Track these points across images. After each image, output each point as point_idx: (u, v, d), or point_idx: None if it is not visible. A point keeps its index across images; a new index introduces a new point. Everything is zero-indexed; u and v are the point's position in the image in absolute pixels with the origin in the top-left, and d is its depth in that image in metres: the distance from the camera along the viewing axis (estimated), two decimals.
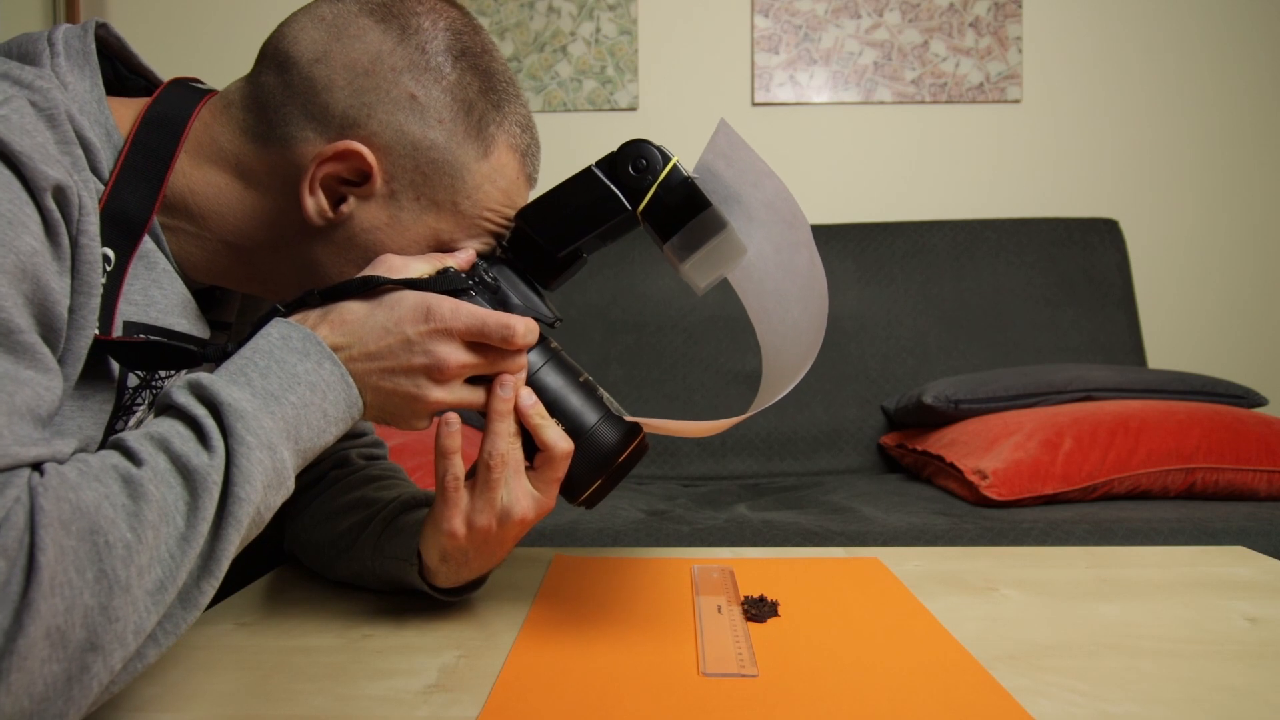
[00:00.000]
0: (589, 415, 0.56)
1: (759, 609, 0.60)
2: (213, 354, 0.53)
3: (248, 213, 0.56)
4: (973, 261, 1.86)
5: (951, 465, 1.35)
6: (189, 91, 0.57)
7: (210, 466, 0.42)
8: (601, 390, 0.58)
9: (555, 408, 0.56)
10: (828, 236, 1.89)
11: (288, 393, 0.47)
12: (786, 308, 0.59)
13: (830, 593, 0.66)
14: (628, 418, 0.57)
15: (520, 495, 0.55)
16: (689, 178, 0.57)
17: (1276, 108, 2.02)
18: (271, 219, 0.56)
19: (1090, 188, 2.03)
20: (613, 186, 0.57)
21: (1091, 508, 1.20)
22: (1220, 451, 1.25)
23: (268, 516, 0.46)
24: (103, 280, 0.50)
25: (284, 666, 0.52)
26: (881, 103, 2.03)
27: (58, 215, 0.45)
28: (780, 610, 0.61)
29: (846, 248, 1.88)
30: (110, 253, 0.51)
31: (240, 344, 0.49)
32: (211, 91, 0.59)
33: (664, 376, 1.78)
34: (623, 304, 1.84)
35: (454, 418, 0.54)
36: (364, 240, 0.56)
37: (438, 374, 0.52)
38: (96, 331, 0.49)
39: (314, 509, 0.71)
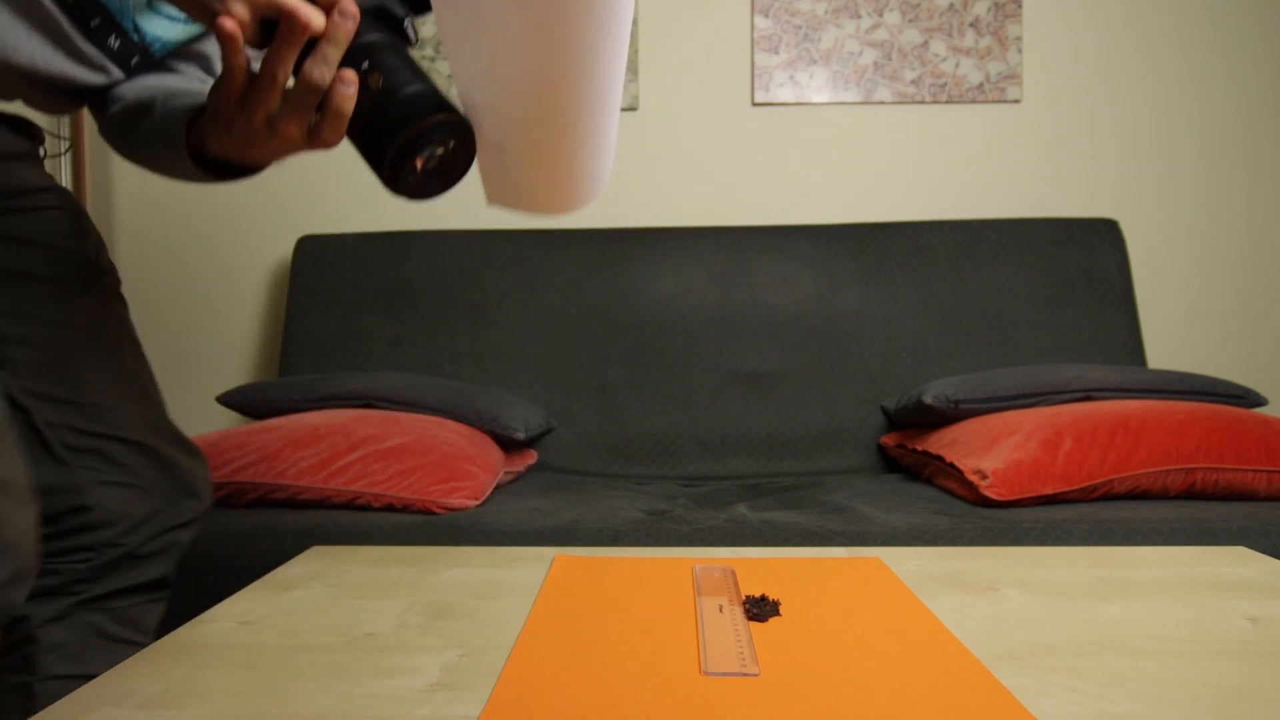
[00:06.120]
0: (412, 82, 0.58)
1: (760, 608, 0.60)
2: None
3: None
4: (973, 261, 1.86)
5: (951, 465, 1.35)
6: None
7: None
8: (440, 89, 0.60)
9: (381, 63, 0.58)
10: (828, 237, 1.89)
11: None
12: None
13: (831, 592, 0.66)
14: (461, 114, 0.58)
15: (292, 119, 0.58)
16: None
17: (1276, 108, 2.02)
18: None
19: (1090, 188, 2.03)
20: None
21: (1091, 508, 1.20)
22: (1220, 451, 1.25)
23: None
24: None
25: (286, 665, 0.52)
26: (881, 103, 2.03)
27: None
28: (781, 610, 0.61)
29: (846, 248, 1.88)
30: None
31: None
32: None
33: (664, 376, 1.78)
34: (623, 304, 1.84)
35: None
36: None
37: None
38: None
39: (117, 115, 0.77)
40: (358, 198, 2.04)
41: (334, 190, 2.04)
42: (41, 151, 0.82)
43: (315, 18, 0.56)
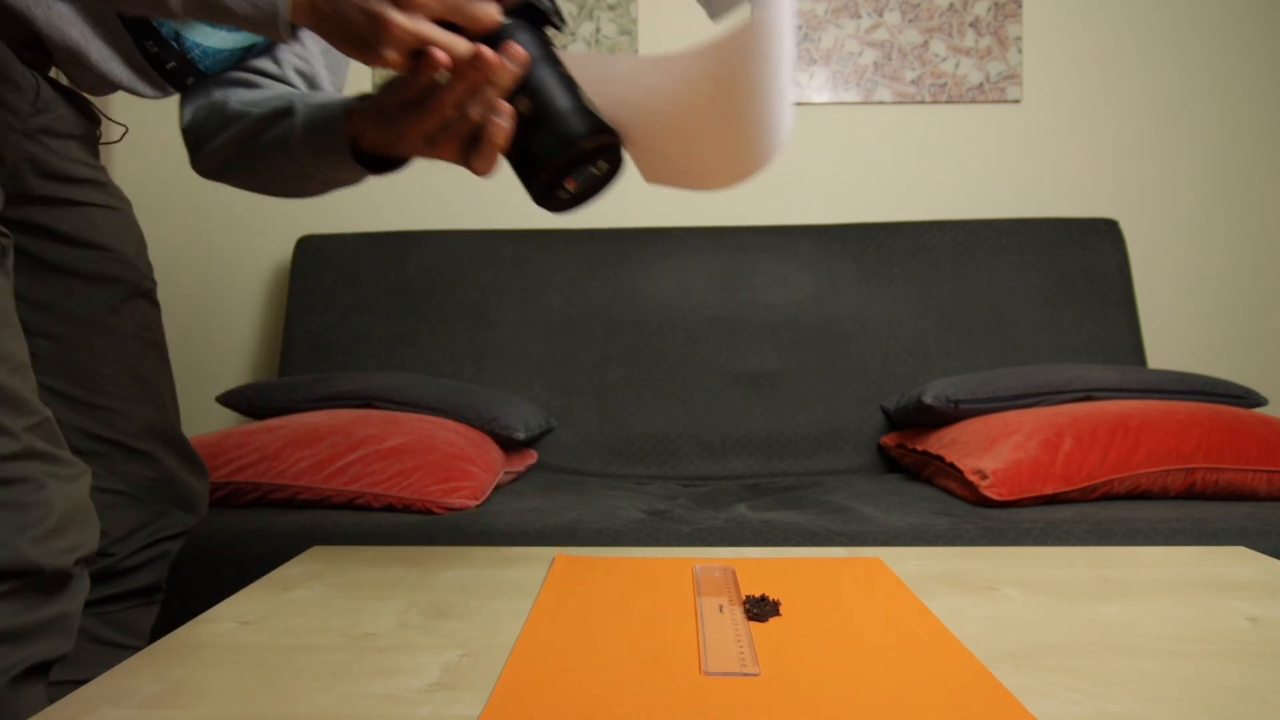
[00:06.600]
0: (560, 97, 0.57)
1: (760, 608, 0.60)
2: None
3: None
4: (973, 261, 1.86)
5: (951, 465, 1.35)
6: None
7: None
8: (587, 96, 0.59)
9: (531, 83, 0.57)
10: (828, 237, 1.89)
11: None
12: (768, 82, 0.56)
13: (831, 592, 0.66)
14: (607, 126, 0.58)
15: (449, 142, 0.60)
16: None
17: (1276, 108, 2.02)
18: None
19: (1090, 188, 2.03)
20: None
21: (1091, 508, 1.20)
22: (1220, 451, 1.25)
23: None
24: None
25: (287, 665, 0.52)
26: (881, 103, 2.03)
27: None
28: (781, 610, 0.61)
29: (846, 248, 1.88)
30: None
31: None
32: None
33: (664, 377, 1.78)
34: (623, 304, 1.84)
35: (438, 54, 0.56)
36: None
37: None
38: None
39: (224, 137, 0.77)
40: (358, 198, 2.04)
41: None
42: (98, 133, 0.81)
43: (494, 61, 0.56)
